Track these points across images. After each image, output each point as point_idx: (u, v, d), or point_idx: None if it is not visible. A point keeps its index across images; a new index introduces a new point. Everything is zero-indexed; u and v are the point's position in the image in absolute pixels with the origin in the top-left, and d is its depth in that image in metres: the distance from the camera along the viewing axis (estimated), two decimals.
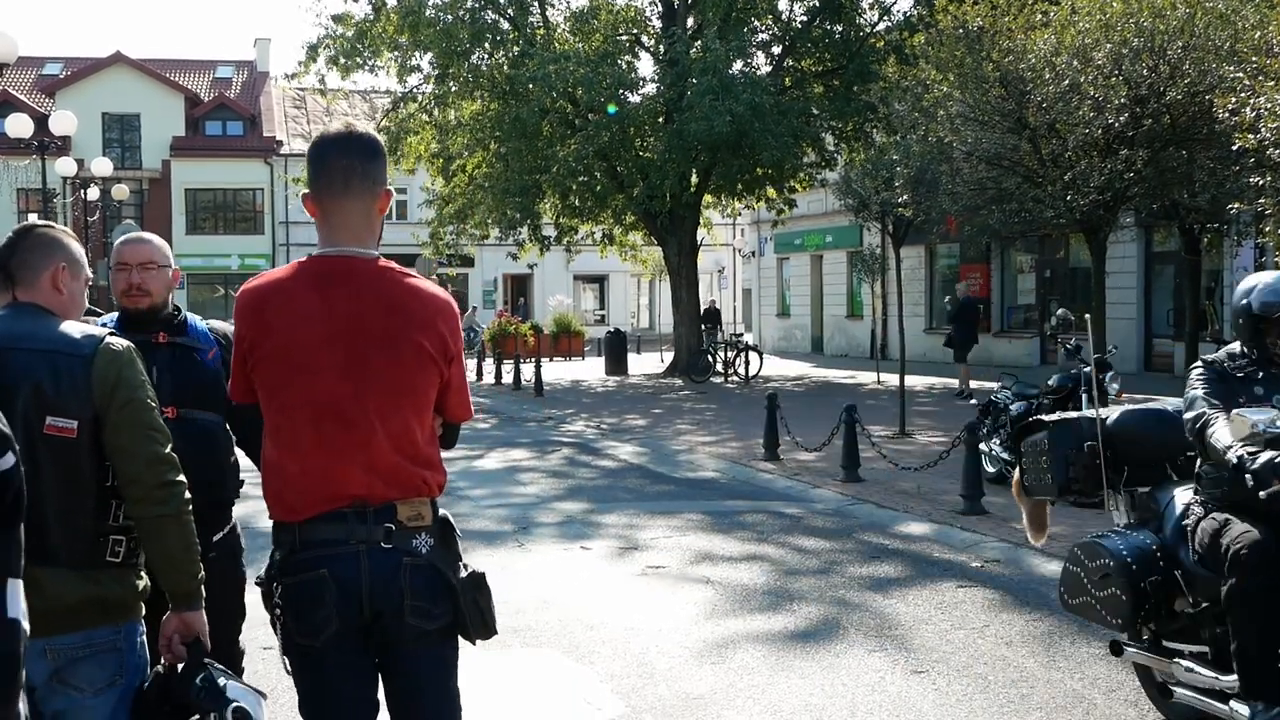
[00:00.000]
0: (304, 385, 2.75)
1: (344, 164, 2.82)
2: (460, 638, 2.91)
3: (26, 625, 1.59)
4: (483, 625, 2.87)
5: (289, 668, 2.83)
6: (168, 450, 2.88)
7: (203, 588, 2.97)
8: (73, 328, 2.87)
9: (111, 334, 2.92)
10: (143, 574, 2.94)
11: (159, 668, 2.90)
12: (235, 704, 2.84)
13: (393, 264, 2.88)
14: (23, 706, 1.60)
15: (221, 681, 2.87)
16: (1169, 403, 5.04)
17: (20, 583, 1.59)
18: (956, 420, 13.25)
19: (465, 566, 2.88)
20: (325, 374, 2.75)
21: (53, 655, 2.72)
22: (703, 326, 28.72)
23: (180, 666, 2.90)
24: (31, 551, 2.64)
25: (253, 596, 3.00)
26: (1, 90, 37.06)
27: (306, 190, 2.88)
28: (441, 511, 2.88)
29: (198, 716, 2.81)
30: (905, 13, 25.10)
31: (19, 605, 1.58)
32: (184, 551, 2.88)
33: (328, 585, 2.71)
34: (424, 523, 2.80)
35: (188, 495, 2.90)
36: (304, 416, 2.76)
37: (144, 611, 2.97)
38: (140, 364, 2.93)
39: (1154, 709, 5.10)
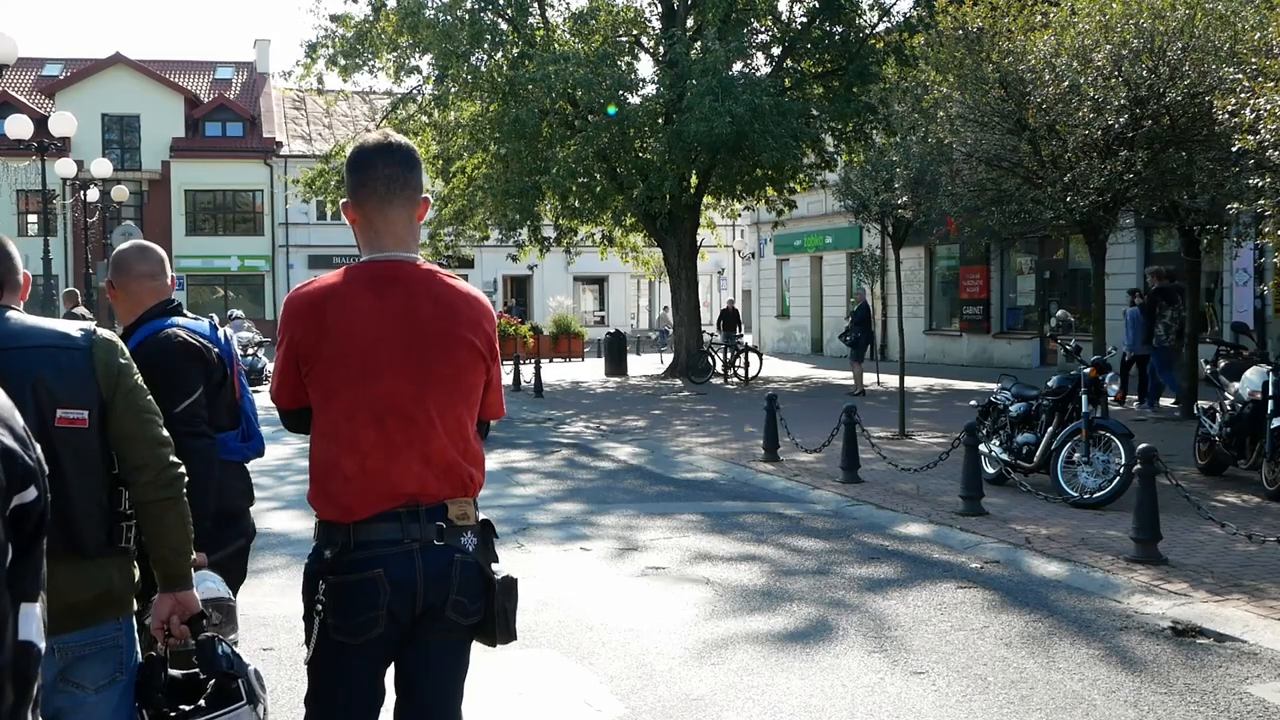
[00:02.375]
0: (367, 386, 2.83)
1: (387, 173, 2.91)
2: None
3: (42, 645, 1.59)
4: (506, 629, 2.95)
5: (309, 657, 2.87)
6: (166, 433, 2.96)
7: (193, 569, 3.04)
8: (59, 323, 2.93)
9: (97, 324, 3.01)
10: (135, 564, 2.99)
11: (152, 653, 2.94)
12: (253, 667, 2.96)
13: (436, 267, 2.98)
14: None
15: (235, 652, 2.97)
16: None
17: (35, 606, 1.59)
18: (956, 421, 13.25)
19: (499, 570, 2.96)
20: (387, 374, 2.83)
21: (61, 654, 2.74)
22: (719, 327, 28.42)
23: (173, 645, 2.95)
24: (57, 545, 2.70)
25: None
26: (1, 91, 37.06)
27: (346, 199, 2.97)
28: (481, 514, 2.97)
29: (214, 682, 2.87)
30: (905, 14, 25.10)
31: (33, 627, 1.58)
32: (183, 532, 2.95)
33: (382, 586, 2.78)
34: (470, 521, 2.91)
35: (186, 477, 2.97)
36: (366, 417, 2.83)
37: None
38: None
39: (1154, 710, 5.10)
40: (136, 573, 2.98)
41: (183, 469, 2.96)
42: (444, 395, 2.87)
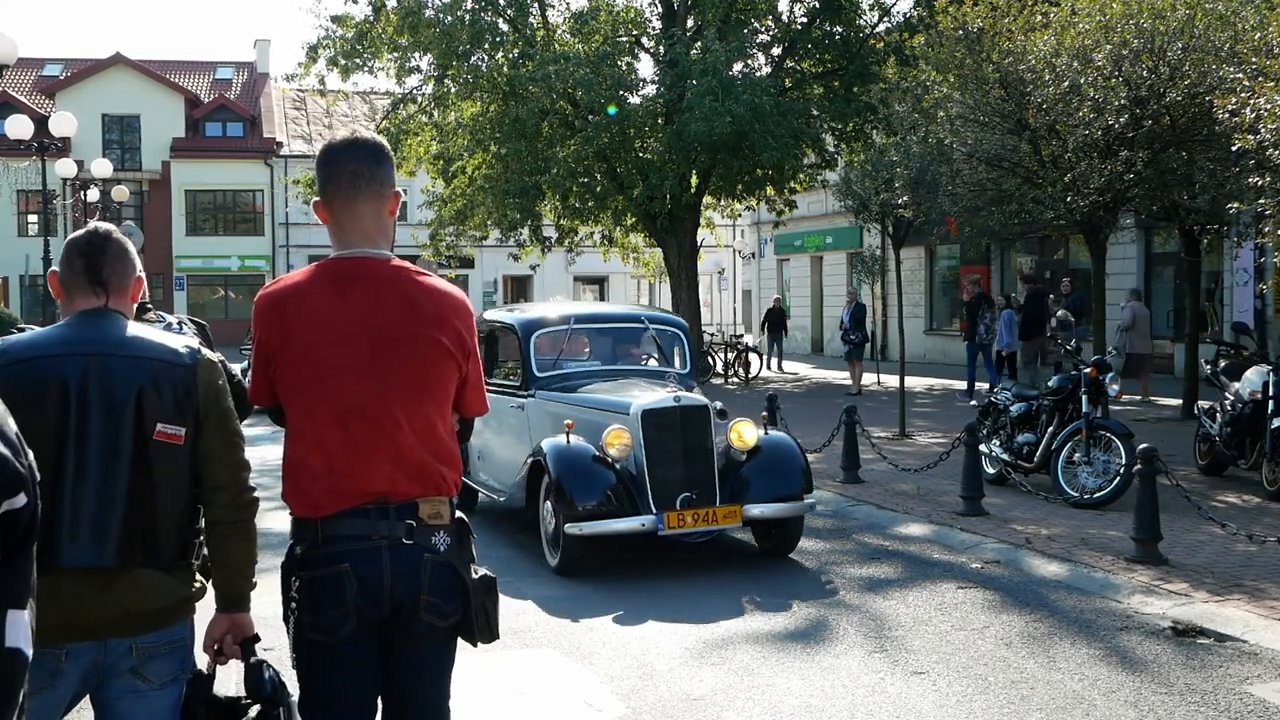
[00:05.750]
0: (328, 385, 2.80)
1: (352, 168, 2.88)
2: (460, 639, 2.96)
3: (30, 652, 1.59)
4: (487, 628, 2.92)
5: (295, 663, 2.86)
6: (247, 457, 3.00)
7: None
8: (167, 337, 2.97)
9: (201, 343, 3.07)
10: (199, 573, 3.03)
11: (201, 669, 2.96)
12: (296, 698, 2.95)
13: (407, 264, 2.93)
14: None
15: (281, 678, 2.98)
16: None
17: (23, 613, 1.59)
18: (956, 421, 13.24)
19: (477, 569, 2.93)
20: (348, 374, 2.79)
21: (138, 652, 2.80)
22: (764, 328, 28.30)
23: (231, 664, 2.99)
24: (141, 557, 2.76)
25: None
26: (1, 91, 37.07)
27: (317, 198, 2.94)
28: (458, 513, 2.92)
29: (259, 708, 2.88)
30: (905, 14, 25.09)
31: (20, 634, 1.58)
32: (248, 555, 2.99)
33: (349, 580, 2.76)
34: (443, 521, 2.85)
35: (259, 502, 3.01)
36: (329, 416, 2.80)
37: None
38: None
39: (1154, 710, 5.10)
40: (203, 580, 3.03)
41: (257, 493, 2.99)
42: (410, 395, 2.82)
